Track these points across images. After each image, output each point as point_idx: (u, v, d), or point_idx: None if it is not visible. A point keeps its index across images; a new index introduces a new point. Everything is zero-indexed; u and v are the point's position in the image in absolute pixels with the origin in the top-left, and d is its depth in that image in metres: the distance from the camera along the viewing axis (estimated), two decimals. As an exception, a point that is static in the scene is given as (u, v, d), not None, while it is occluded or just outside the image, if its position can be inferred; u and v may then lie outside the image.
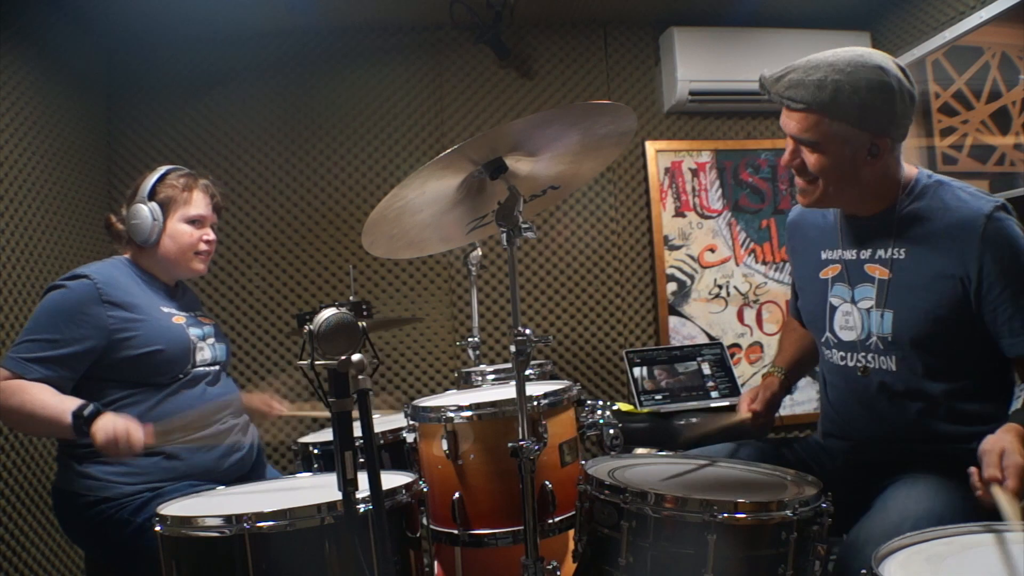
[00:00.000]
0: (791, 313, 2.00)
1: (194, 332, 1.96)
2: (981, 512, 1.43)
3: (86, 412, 1.66)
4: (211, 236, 2.04)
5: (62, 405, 1.70)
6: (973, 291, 1.49)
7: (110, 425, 1.64)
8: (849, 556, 1.36)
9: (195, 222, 2.00)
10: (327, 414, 1.24)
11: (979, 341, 1.53)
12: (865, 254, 1.65)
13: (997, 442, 1.30)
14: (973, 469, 1.30)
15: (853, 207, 1.67)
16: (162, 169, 2.01)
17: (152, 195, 1.95)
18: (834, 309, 1.71)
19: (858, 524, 1.43)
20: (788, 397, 1.96)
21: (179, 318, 1.95)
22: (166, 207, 1.96)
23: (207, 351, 1.97)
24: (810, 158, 1.57)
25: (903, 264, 1.58)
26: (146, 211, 1.93)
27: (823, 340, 1.75)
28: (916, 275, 1.56)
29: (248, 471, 1.99)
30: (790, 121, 1.58)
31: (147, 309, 1.88)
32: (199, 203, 2.01)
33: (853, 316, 1.66)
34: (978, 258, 1.47)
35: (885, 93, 1.49)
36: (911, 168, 1.64)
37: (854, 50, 1.54)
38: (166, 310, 1.94)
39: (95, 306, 1.80)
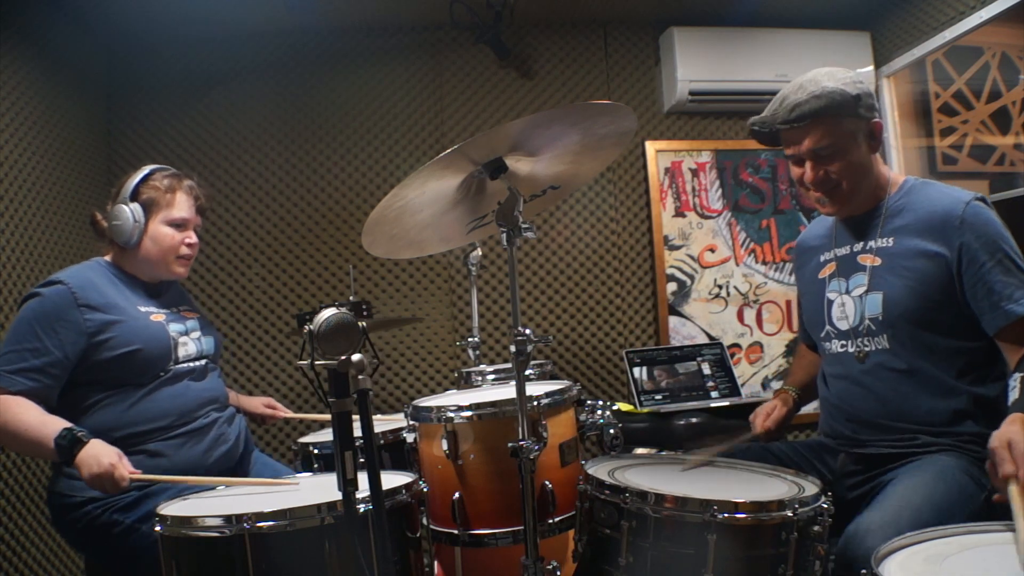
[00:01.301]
0: (801, 339, 2.09)
1: (175, 328, 1.94)
2: (978, 501, 1.45)
3: (67, 441, 1.64)
4: (193, 239, 2.00)
5: (44, 429, 1.67)
6: (955, 270, 1.60)
7: (94, 464, 1.61)
8: (850, 547, 1.37)
9: (178, 225, 1.96)
10: (328, 417, 1.24)
11: (964, 320, 1.62)
12: (857, 247, 1.78)
13: (1004, 435, 1.31)
14: (989, 465, 1.31)
15: (859, 205, 1.78)
16: (146, 168, 1.98)
17: (135, 195, 1.92)
18: (831, 303, 1.81)
19: (858, 516, 1.45)
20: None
21: (158, 316, 1.93)
22: (148, 208, 1.93)
23: (191, 345, 1.96)
24: (832, 166, 1.70)
25: (890, 250, 1.70)
26: (127, 212, 1.90)
27: (823, 335, 1.83)
28: (903, 258, 1.67)
29: (235, 464, 1.98)
30: (803, 140, 1.71)
31: (124, 310, 1.87)
32: (182, 205, 1.97)
33: (847, 305, 1.77)
34: (958, 238, 1.59)
35: (861, 83, 1.69)
36: (898, 174, 1.81)
37: (814, 70, 1.72)
38: (144, 309, 1.92)
39: (72, 311, 1.79)
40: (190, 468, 1.85)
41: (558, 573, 1.44)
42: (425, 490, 1.53)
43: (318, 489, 1.51)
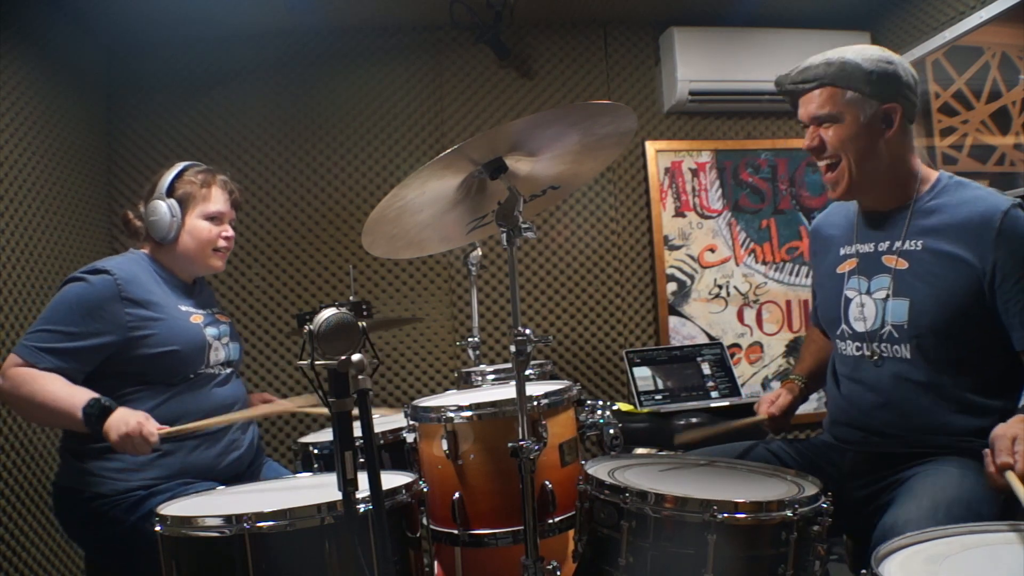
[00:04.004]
0: (812, 322, 2.03)
1: (211, 332, 1.96)
2: (999, 503, 1.44)
3: (96, 410, 1.65)
4: (230, 232, 2.04)
5: (72, 399, 1.69)
6: (987, 283, 1.53)
7: (122, 425, 1.63)
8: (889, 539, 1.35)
9: (214, 218, 1.99)
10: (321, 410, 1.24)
11: (992, 333, 1.55)
12: (883, 246, 1.69)
13: (1009, 429, 1.30)
14: (986, 451, 1.31)
15: (876, 196, 1.71)
16: (180, 165, 2.00)
17: (170, 191, 1.95)
18: (848, 301, 1.74)
19: (891, 512, 1.43)
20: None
21: (197, 317, 1.95)
22: (184, 203, 1.95)
23: (221, 351, 1.98)
24: (828, 134, 1.65)
25: (919, 255, 1.62)
26: (164, 208, 1.92)
27: (838, 333, 1.77)
28: (932, 265, 1.59)
29: (245, 469, 1.99)
30: (807, 105, 1.67)
31: (165, 308, 1.88)
32: (218, 199, 2.01)
33: (867, 307, 1.69)
34: (994, 251, 1.52)
35: (889, 64, 1.61)
36: (931, 170, 1.70)
37: (855, 46, 1.67)
38: (184, 309, 1.94)
39: (114, 303, 1.80)
40: (201, 470, 1.85)
41: (558, 573, 1.44)
42: (425, 490, 1.53)
43: (318, 489, 1.51)
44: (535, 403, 1.59)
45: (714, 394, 3.07)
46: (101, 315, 1.78)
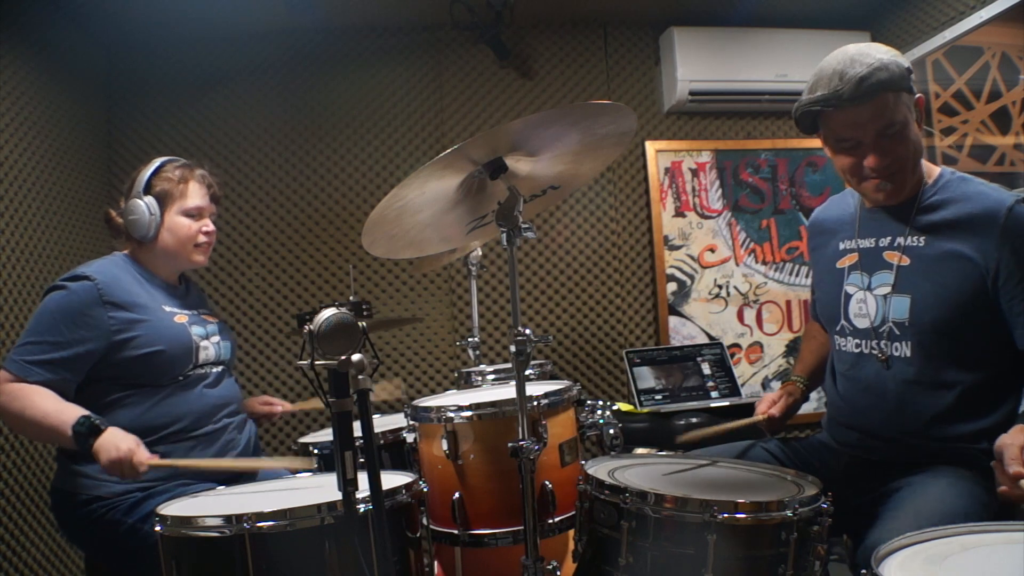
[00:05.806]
0: (812, 316, 2.01)
1: (197, 331, 1.94)
2: (990, 512, 1.42)
3: (85, 428, 1.64)
4: (210, 227, 2.02)
5: (61, 416, 1.68)
6: (991, 280, 1.51)
7: (113, 449, 1.62)
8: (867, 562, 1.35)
9: (192, 214, 1.98)
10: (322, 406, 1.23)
11: (993, 331, 1.53)
12: (884, 242, 1.67)
13: (1015, 438, 1.28)
14: (995, 463, 1.29)
15: (900, 191, 1.63)
16: (157, 161, 1.99)
17: (148, 189, 1.93)
18: (849, 297, 1.72)
19: (874, 530, 1.41)
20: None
21: (181, 317, 1.94)
22: (163, 200, 1.94)
23: (211, 349, 1.96)
24: (899, 146, 1.55)
25: (922, 251, 1.60)
26: (143, 206, 1.91)
27: (838, 329, 1.75)
28: (934, 261, 1.57)
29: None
30: (867, 118, 1.52)
31: (149, 309, 1.87)
32: (195, 195, 1.99)
33: (868, 303, 1.67)
34: (998, 248, 1.49)
35: (899, 57, 1.55)
36: (934, 166, 1.67)
37: (844, 47, 1.58)
38: (168, 309, 1.93)
39: (96, 308, 1.79)
40: (198, 472, 1.84)
41: (558, 573, 1.44)
42: (425, 490, 1.53)
43: (318, 489, 1.51)
44: (535, 403, 1.59)
45: (714, 394, 3.07)
46: (85, 322, 1.77)
